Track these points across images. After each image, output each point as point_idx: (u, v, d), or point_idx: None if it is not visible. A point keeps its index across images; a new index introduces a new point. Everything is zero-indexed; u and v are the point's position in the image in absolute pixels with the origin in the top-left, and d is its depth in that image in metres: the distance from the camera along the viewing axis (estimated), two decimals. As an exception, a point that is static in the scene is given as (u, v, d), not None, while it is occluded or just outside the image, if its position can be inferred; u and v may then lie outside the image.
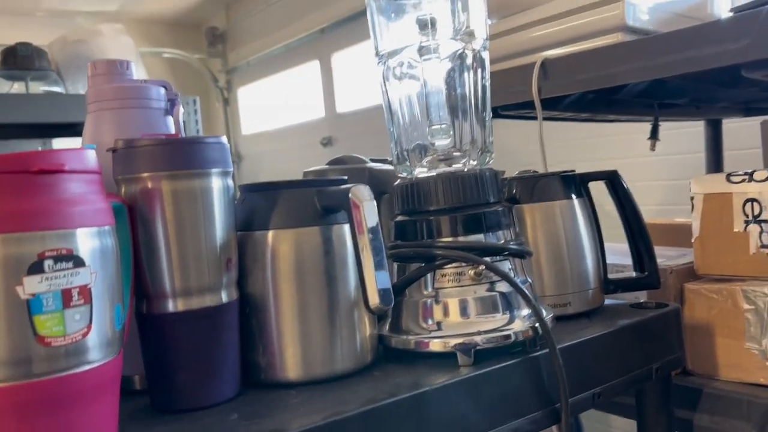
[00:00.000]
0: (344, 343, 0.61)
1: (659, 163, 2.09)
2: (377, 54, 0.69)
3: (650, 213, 1.87)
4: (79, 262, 0.40)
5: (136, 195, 0.53)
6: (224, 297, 0.56)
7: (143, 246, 0.53)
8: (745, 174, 0.84)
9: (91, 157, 0.43)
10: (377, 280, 0.55)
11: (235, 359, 0.57)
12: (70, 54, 2.71)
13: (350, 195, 0.56)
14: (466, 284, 0.63)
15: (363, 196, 0.56)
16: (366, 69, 3.68)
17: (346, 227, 0.60)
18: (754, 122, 1.60)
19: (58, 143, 2.92)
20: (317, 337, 0.59)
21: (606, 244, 0.83)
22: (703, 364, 0.87)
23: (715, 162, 1.73)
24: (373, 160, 0.81)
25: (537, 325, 0.63)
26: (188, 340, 0.55)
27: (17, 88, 2.40)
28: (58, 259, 0.39)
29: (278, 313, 0.59)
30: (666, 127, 1.84)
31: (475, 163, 0.68)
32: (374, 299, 0.55)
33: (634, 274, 0.83)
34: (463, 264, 0.63)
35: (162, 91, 0.64)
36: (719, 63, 0.78)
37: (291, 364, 0.59)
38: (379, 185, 0.74)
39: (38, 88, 2.48)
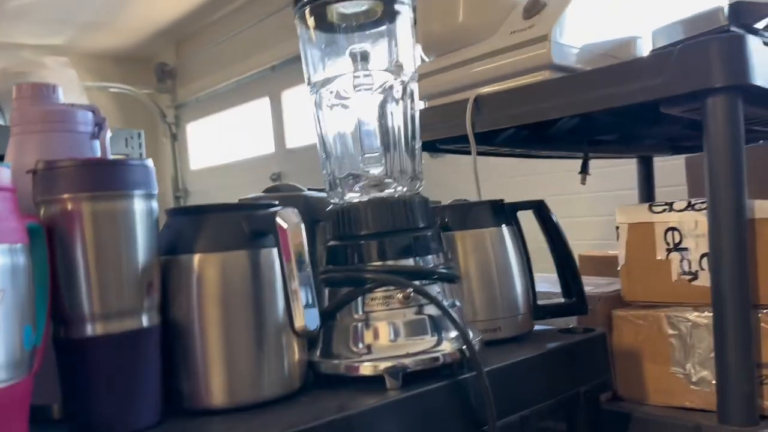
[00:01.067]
0: (271, 368, 0.60)
1: (596, 200, 2.17)
2: (309, 83, 0.70)
3: (587, 247, 1.93)
4: (-17, 280, 0.39)
5: (55, 216, 0.52)
6: (145, 321, 0.55)
7: (61, 268, 0.52)
8: (666, 204, 0.88)
9: (4, 174, 0.43)
10: (304, 303, 0.55)
11: (155, 385, 0.56)
12: (12, 87, 2.66)
13: (277, 218, 0.57)
14: (395, 308, 0.64)
15: (290, 219, 0.57)
16: (315, 106, 3.72)
17: (275, 251, 0.60)
18: (681, 160, 1.68)
19: None
20: (243, 362, 0.59)
21: (539, 274, 0.85)
22: (632, 389, 0.89)
23: (647, 198, 1.80)
24: (310, 190, 0.82)
25: (464, 347, 0.64)
26: (107, 365, 0.53)
27: (-47, 119, 2.34)
28: (-38, 275, 0.38)
29: (203, 339, 0.58)
30: (602, 165, 1.92)
31: (404, 189, 0.69)
32: (300, 322, 0.55)
33: (562, 300, 0.85)
34: (392, 288, 0.64)
35: (89, 115, 0.64)
36: (639, 98, 0.83)
37: (216, 390, 0.58)
38: (315, 213, 0.75)
39: (-24, 119, 2.42)
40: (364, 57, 0.70)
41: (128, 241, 0.54)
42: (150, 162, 0.58)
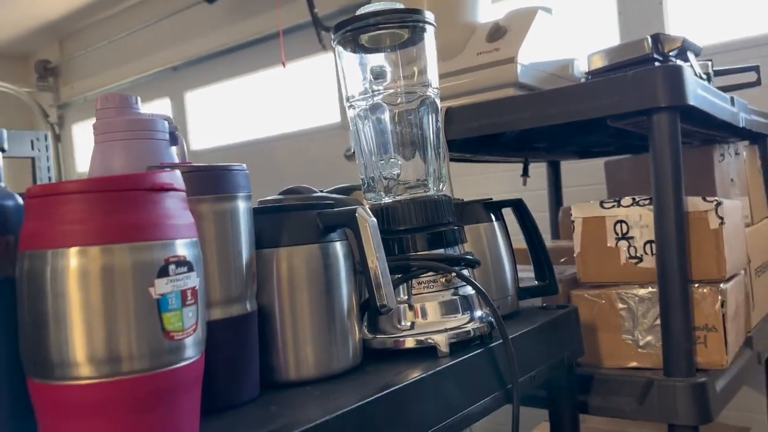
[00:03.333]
0: (341, 345, 0.70)
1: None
2: (347, 99, 0.80)
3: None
4: (190, 267, 0.47)
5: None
6: (249, 306, 0.64)
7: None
8: (615, 201, 1.06)
9: (178, 177, 0.50)
10: (384, 285, 0.66)
11: (257, 363, 0.64)
12: None
13: (357, 214, 0.67)
14: (437, 289, 0.76)
15: (367, 215, 0.67)
16: (222, 108, 3.70)
17: (339, 244, 0.70)
18: (589, 163, 1.93)
19: None
20: (321, 340, 0.68)
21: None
22: (590, 356, 1.07)
23: (555, 197, 2.03)
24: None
25: (492, 320, 0.77)
26: (225, 345, 0.61)
27: None
28: (178, 264, 0.46)
29: (288, 321, 0.67)
30: (513, 168, 2.11)
31: (433, 190, 0.82)
32: (382, 300, 0.66)
33: (536, 283, 1.01)
34: (436, 273, 0.76)
35: (165, 123, 0.70)
36: (595, 114, 1.00)
37: (302, 364, 0.67)
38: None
39: None
40: (391, 75, 0.81)
41: (238, 236, 0.62)
42: (244, 166, 0.66)
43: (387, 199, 0.81)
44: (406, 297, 0.76)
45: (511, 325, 0.87)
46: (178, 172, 0.50)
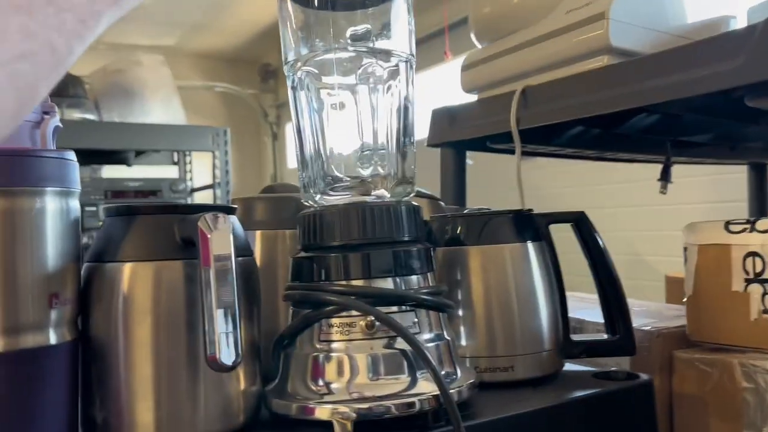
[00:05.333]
0: (209, 400, 0.50)
1: (693, 212, 1.92)
2: (285, 62, 0.60)
3: (675, 267, 1.69)
4: None
5: (-56, 213, 0.45)
6: (52, 338, 0.48)
7: (-55, 273, 0.45)
8: (747, 222, 0.70)
9: None
10: (221, 330, 0.45)
11: (63, 413, 0.48)
12: (109, 83, 2.77)
13: (199, 223, 0.47)
14: (357, 338, 0.52)
15: (216, 224, 0.47)
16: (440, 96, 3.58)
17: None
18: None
19: (108, 171, 2.99)
20: (174, 392, 0.50)
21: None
22: (693, 452, 0.72)
23: (758, 212, 1.55)
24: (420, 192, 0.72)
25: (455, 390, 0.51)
26: (6, 386, 0.46)
27: (51, 114, 2.46)
28: None
29: (126, 361, 0.49)
30: (708, 171, 1.66)
31: (389, 195, 0.57)
32: (212, 352, 0.45)
33: (605, 336, 0.69)
34: (355, 314, 0.52)
35: (34, 101, 0.57)
36: (711, 87, 0.66)
37: (140, 424, 0.49)
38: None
39: (73, 115, 2.53)
40: (353, 36, 0.59)
41: (30, 244, 0.46)
42: (70, 154, 0.50)
43: (325, 202, 0.59)
44: (324, 345, 0.53)
45: (520, 398, 0.59)
46: None
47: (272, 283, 0.66)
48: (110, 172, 2.96)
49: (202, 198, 2.78)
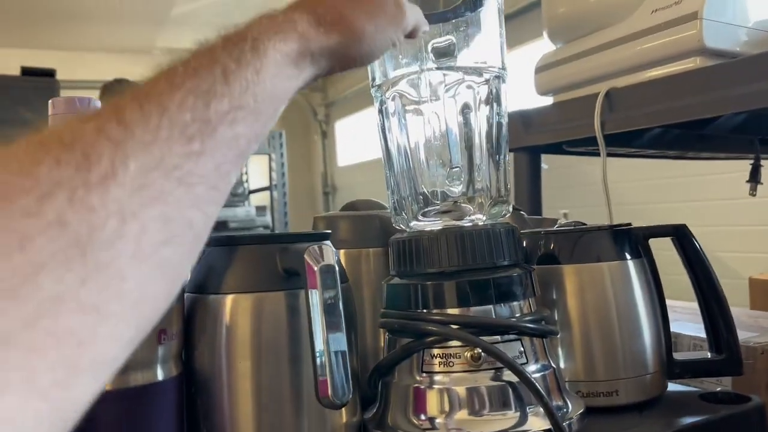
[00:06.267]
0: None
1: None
2: (372, 84, 0.58)
3: (749, 263, 1.60)
4: None
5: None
6: (160, 374, 0.47)
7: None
8: None
9: None
10: (330, 365, 0.44)
11: (171, 452, 0.48)
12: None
13: (305, 256, 0.46)
14: (461, 370, 0.50)
15: (323, 256, 0.46)
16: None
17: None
18: None
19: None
20: (277, 427, 0.49)
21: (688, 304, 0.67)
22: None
23: None
24: None
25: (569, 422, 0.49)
26: (115, 424, 0.46)
27: (113, 122, 2.51)
28: None
29: (230, 395, 0.49)
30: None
31: (483, 218, 0.55)
32: (324, 389, 0.44)
33: (709, 354, 0.66)
34: (459, 345, 0.50)
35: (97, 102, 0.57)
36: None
37: (245, 457, 0.49)
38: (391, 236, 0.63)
39: (134, 122, 2.58)
40: (440, 52, 0.57)
41: (133, 282, 0.46)
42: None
43: (418, 227, 0.57)
44: (426, 377, 0.52)
45: (628, 424, 0.56)
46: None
47: (358, 305, 0.65)
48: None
49: (259, 200, 2.80)
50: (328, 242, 0.48)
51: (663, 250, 0.68)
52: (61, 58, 3.26)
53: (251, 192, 2.87)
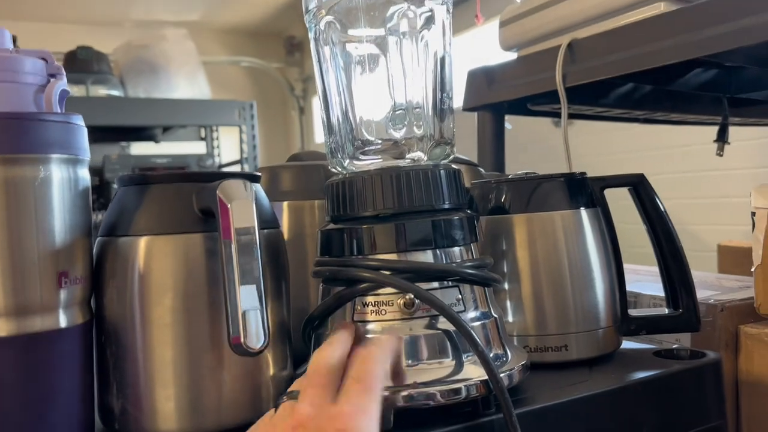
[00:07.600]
0: (236, 386, 0.46)
1: (745, 177, 1.81)
2: (306, 10, 0.54)
3: (728, 235, 1.60)
4: None
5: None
6: (63, 321, 0.43)
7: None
8: (828, 182, 0.62)
9: None
10: (245, 308, 0.40)
11: (76, 401, 0.44)
12: (133, 58, 2.73)
13: (218, 191, 0.42)
14: (393, 318, 0.47)
15: (235, 193, 0.42)
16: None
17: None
18: None
19: (136, 148, 2.98)
20: (196, 378, 0.45)
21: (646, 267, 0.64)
22: (764, 434, 0.65)
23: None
24: (458, 159, 0.67)
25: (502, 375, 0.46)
26: (9, 374, 0.42)
27: (77, 91, 2.44)
28: None
29: (145, 346, 0.45)
30: (752, 135, 1.56)
31: (425, 157, 0.52)
32: (236, 334, 0.40)
33: (666, 311, 0.63)
34: (392, 291, 0.47)
35: (39, 64, 0.52)
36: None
37: (158, 412, 0.45)
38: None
39: (98, 91, 2.51)
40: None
41: (35, 216, 0.42)
42: (77, 118, 0.46)
43: (354, 168, 0.53)
44: (359, 326, 0.48)
45: (571, 381, 0.53)
46: None
47: (301, 258, 0.62)
48: (138, 149, 2.95)
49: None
50: (249, 181, 0.44)
51: (620, 199, 0.65)
52: (26, 29, 3.15)
53: (222, 166, 2.80)
